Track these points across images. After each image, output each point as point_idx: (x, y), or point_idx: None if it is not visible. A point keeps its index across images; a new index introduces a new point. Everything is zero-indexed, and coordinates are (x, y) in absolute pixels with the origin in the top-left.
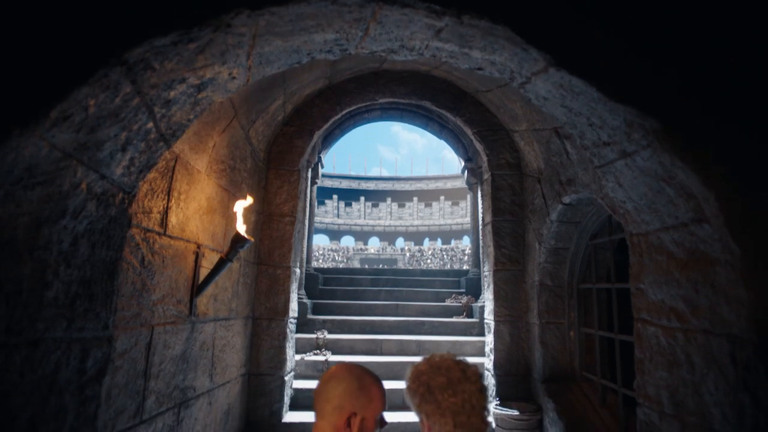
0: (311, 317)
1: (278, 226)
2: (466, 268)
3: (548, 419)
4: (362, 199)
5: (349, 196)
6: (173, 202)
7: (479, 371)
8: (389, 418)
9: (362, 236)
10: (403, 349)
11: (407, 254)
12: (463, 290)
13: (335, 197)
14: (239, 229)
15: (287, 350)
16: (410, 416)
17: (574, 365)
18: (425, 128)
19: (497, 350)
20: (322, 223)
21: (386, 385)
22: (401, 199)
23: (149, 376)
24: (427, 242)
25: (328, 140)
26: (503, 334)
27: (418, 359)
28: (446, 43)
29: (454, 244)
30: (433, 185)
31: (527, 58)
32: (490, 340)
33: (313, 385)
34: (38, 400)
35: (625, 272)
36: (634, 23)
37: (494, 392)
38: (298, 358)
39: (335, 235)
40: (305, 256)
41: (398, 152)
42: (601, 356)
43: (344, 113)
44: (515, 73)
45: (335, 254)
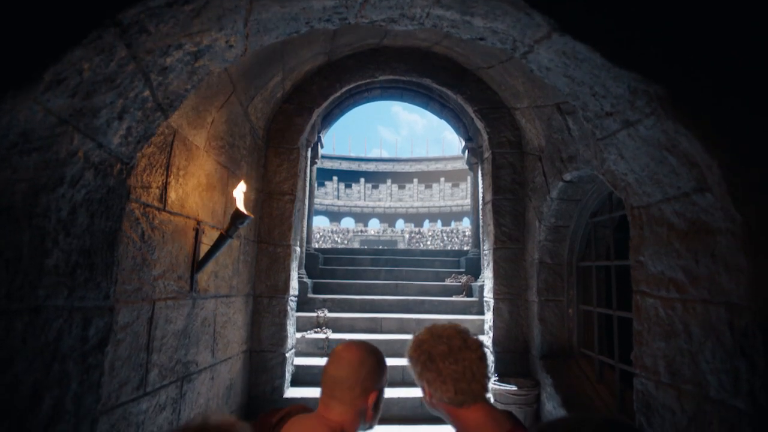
0: (312, 296)
1: (278, 204)
2: (466, 248)
3: (545, 394)
4: (362, 180)
5: (349, 177)
6: (172, 177)
7: (480, 340)
8: (388, 394)
9: (362, 218)
10: (402, 327)
11: (407, 236)
12: (462, 270)
13: (335, 179)
14: (239, 205)
15: (288, 327)
16: (409, 392)
17: (572, 342)
18: (426, 107)
19: (496, 327)
20: (322, 204)
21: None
22: (401, 180)
23: (152, 349)
24: (427, 224)
25: (327, 120)
26: (502, 311)
27: None
28: (447, 10)
29: (454, 225)
30: (433, 166)
31: (530, 23)
32: (489, 317)
33: (314, 362)
34: (41, 366)
35: (624, 250)
36: None
37: (493, 368)
38: (299, 336)
39: (335, 216)
40: (305, 236)
41: (398, 133)
42: (599, 333)
43: (344, 91)
44: (518, 42)
45: (335, 236)
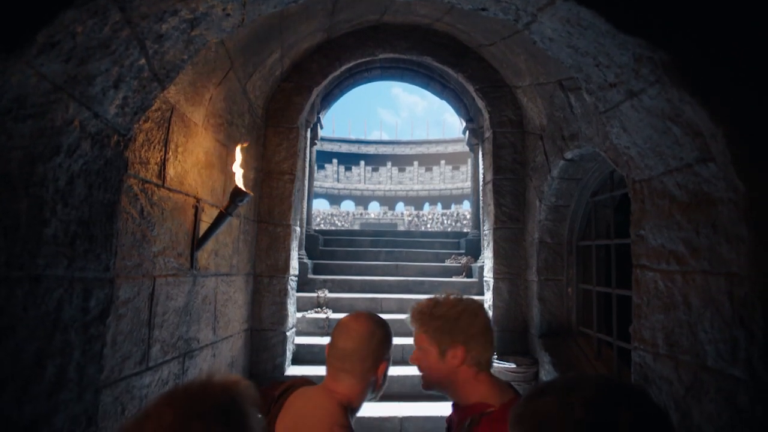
0: (312, 277)
1: (278, 184)
2: (466, 230)
3: (544, 371)
4: (362, 163)
5: (349, 160)
6: (170, 153)
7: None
8: (389, 372)
9: (362, 201)
10: (402, 307)
11: (407, 219)
12: (462, 251)
13: (335, 161)
14: (238, 182)
15: (288, 307)
16: (409, 370)
17: (571, 320)
18: (426, 88)
19: (496, 307)
20: (322, 187)
21: None
22: (401, 163)
23: (153, 325)
24: (427, 207)
25: (327, 100)
26: (502, 291)
27: None
28: None
29: (454, 208)
30: (433, 149)
31: None
32: (488, 297)
33: (315, 341)
34: (43, 334)
35: (624, 230)
36: None
37: None
38: (299, 315)
39: (335, 199)
40: (305, 217)
41: (399, 115)
42: (597, 311)
43: (343, 69)
44: (520, 11)
45: (335, 219)
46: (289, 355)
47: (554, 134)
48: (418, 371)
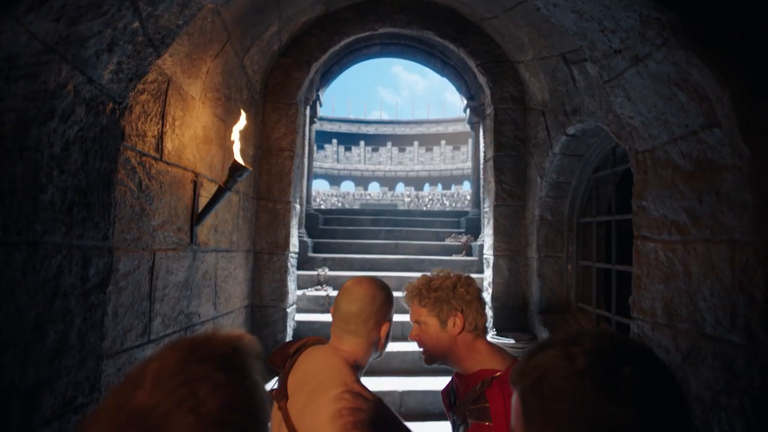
0: (312, 255)
1: (277, 160)
2: (466, 210)
3: None
4: (362, 143)
5: (348, 140)
6: (168, 127)
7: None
8: (389, 348)
9: (362, 181)
10: (402, 285)
11: (407, 199)
12: (462, 230)
13: (335, 141)
14: (237, 157)
15: (289, 284)
16: (408, 346)
17: (570, 297)
18: (427, 65)
19: (495, 284)
20: (321, 168)
21: None
22: (402, 143)
23: (154, 299)
24: (427, 187)
25: (326, 77)
26: (502, 268)
27: None
28: None
29: (454, 189)
30: (434, 129)
31: None
32: (488, 274)
33: (315, 317)
34: (43, 300)
35: (626, 206)
36: None
37: (491, 323)
38: (299, 293)
39: (335, 180)
40: (305, 195)
41: (399, 94)
42: (596, 287)
43: (343, 45)
44: None
45: (335, 199)
46: (289, 331)
47: (556, 109)
48: (418, 347)
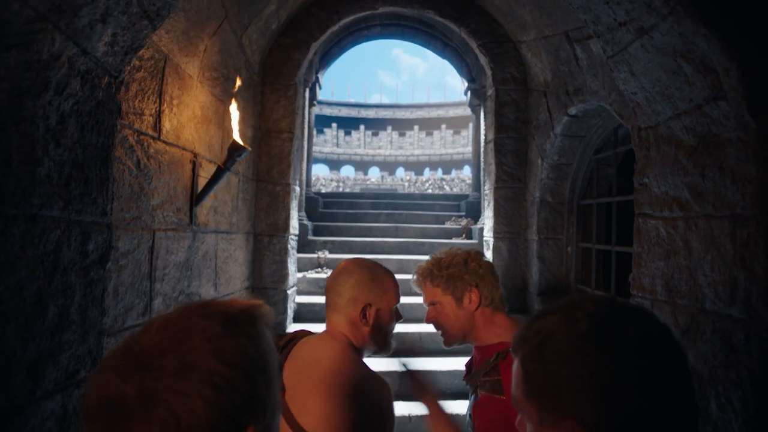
0: (312, 238)
1: (276, 142)
2: (467, 193)
3: None
4: (362, 127)
5: (348, 124)
6: (165, 106)
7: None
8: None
9: (362, 166)
10: (402, 268)
11: (407, 184)
12: (462, 213)
13: (334, 125)
14: (236, 137)
15: (289, 266)
16: (409, 328)
17: (569, 279)
18: (427, 46)
19: (495, 266)
20: (321, 152)
21: None
22: (402, 127)
23: (154, 278)
24: (427, 172)
25: (325, 59)
26: (502, 250)
27: None
28: None
29: (455, 174)
30: (434, 113)
31: None
32: (488, 256)
33: (315, 299)
34: (43, 275)
35: (627, 187)
36: None
37: None
38: (300, 275)
39: (335, 164)
40: (305, 179)
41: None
42: (596, 269)
43: (342, 25)
44: None
45: (335, 184)
46: (290, 313)
47: (558, 90)
48: (418, 329)
